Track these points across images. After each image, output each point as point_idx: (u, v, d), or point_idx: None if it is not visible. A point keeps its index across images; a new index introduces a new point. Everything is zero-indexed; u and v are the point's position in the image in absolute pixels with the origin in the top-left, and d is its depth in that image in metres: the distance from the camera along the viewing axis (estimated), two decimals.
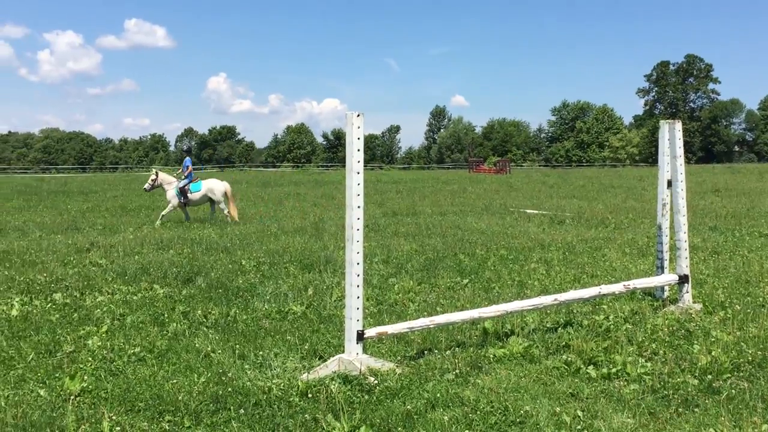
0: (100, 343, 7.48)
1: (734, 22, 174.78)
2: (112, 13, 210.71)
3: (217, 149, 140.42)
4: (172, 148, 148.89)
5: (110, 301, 9.63)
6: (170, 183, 21.58)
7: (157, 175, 21.78)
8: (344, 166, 6.50)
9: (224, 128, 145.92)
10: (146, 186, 21.82)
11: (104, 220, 21.90)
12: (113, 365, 6.82)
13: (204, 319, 8.63)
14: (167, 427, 5.37)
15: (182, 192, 21.40)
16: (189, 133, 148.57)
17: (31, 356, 7.11)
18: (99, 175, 76.39)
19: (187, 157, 22.30)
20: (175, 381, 6.31)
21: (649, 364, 6.61)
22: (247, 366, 6.75)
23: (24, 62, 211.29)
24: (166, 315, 8.81)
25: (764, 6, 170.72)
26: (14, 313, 8.95)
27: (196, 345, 7.47)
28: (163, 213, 21.49)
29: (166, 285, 10.71)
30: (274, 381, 6.26)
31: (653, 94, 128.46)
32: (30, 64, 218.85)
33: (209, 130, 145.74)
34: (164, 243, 15.44)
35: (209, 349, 7.30)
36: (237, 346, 7.39)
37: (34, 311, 9.10)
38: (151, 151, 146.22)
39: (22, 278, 11.17)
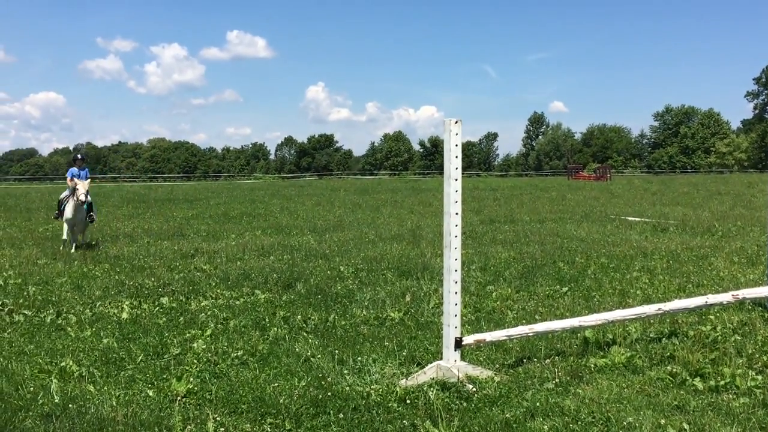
0: (204, 346, 7.70)
1: None
2: (214, 25, 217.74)
3: (315, 157, 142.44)
4: (272, 157, 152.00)
5: (214, 306, 9.91)
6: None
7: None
8: (441, 174, 6.53)
9: (322, 136, 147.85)
10: (86, 198, 16.16)
11: (208, 227, 22.56)
12: (217, 368, 7.02)
13: (304, 324, 8.78)
14: (269, 430, 5.48)
15: (90, 209, 16.88)
16: (289, 141, 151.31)
17: (140, 358, 7.39)
18: (203, 184, 78.77)
19: (86, 167, 17.11)
20: (276, 384, 6.44)
21: (760, 377, 6.35)
22: (346, 371, 6.82)
23: (132, 75, 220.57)
24: (267, 320, 9.01)
25: None
26: (124, 315, 9.32)
27: (297, 349, 7.60)
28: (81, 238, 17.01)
29: (267, 290, 10.94)
30: (372, 386, 6.30)
31: (763, 97, 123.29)
32: (138, 76, 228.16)
33: (308, 138, 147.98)
34: (265, 249, 15.80)
35: (309, 353, 7.42)
36: (336, 351, 7.49)
37: (143, 314, 9.45)
38: (252, 159, 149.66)
39: (131, 282, 11.63)
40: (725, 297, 8.36)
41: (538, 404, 5.79)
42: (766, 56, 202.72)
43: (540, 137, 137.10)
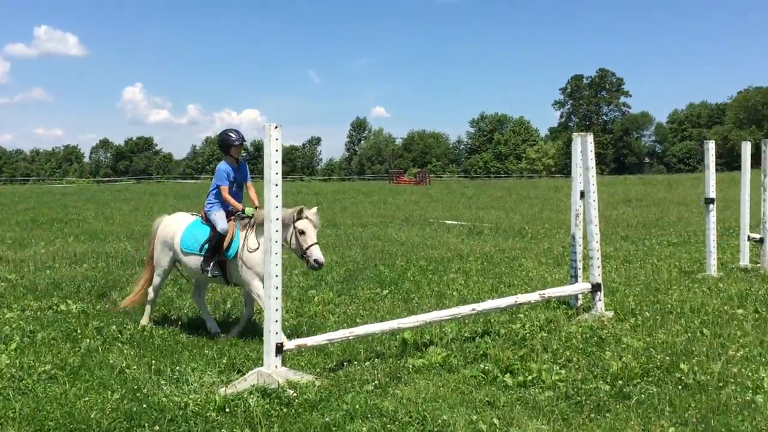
0: (8, 361, 7.22)
1: (644, 38, 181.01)
2: (20, 20, 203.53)
3: (133, 160, 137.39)
4: (86, 160, 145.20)
5: (20, 318, 9.31)
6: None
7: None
8: (263, 178, 6.47)
9: (141, 139, 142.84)
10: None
11: (14, 233, 21.12)
12: (22, 384, 6.60)
13: (119, 335, 8.44)
14: None
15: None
16: (105, 144, 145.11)
17: None
18: (8, 188, 73.79)
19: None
20: (87, 398, 6.15)
21: (563, 371, 6.76)
22: (163, 381, 6.63)
23: None
24: (78, 331, 8.57)
25: (670, 25, 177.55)
26: None
27: (110, 361, 7.30)
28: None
29: (80, 300, 10.43)
30: (190, 396, 6.16)
31: (568, 106, 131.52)
32: None
33: (125, 141, 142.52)
34: (78, 257, 15.03)
35: (124, 364, 7.15)
36: (153, 361, 7.26)
37: None
38: (64, 162, 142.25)
39: None
40: (533, 296, 8.85)
41: (357, 406, 5.87)
42: (571, 68, 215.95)
43: (362, 142, 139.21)
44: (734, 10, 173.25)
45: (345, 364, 7.19)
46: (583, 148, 9.49)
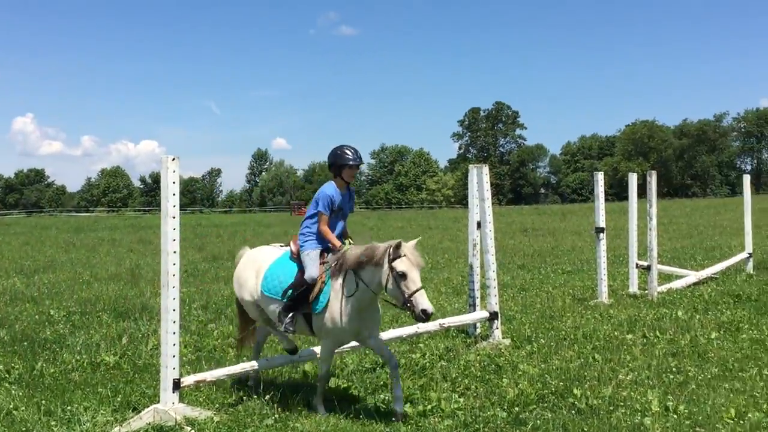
0: None
1: (537, 73, 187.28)
2: None
3: (24, 193, 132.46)
4: None
5: None
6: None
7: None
8: (161, 211, 6.37)
9: (32, 171, 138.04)
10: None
11: None
12: None
13: (6, 375, 8.11)
14: None
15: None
16: None
17: None
18: None
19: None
20: None
21: (462, 400, 6.87)
22: (53, 422, 6.40)
23: None
24: None
25: (562, 60, 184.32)
26: None
27: None
28: None
29: None
30: None
31: (466, 138, 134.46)
32: None
33: (15, 173, 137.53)
34: None
35: (11, 406, 6.87)
36: (43, 401, 7.00)
37: None
38: None
39: None
40: (432, 326, 8.97)
41: None
42: (468, 101, 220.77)
43: (263, 173, 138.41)
44: (620, 48, 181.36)
45: (245, 398, 7.10)
46: (479, 179, 9.73)
